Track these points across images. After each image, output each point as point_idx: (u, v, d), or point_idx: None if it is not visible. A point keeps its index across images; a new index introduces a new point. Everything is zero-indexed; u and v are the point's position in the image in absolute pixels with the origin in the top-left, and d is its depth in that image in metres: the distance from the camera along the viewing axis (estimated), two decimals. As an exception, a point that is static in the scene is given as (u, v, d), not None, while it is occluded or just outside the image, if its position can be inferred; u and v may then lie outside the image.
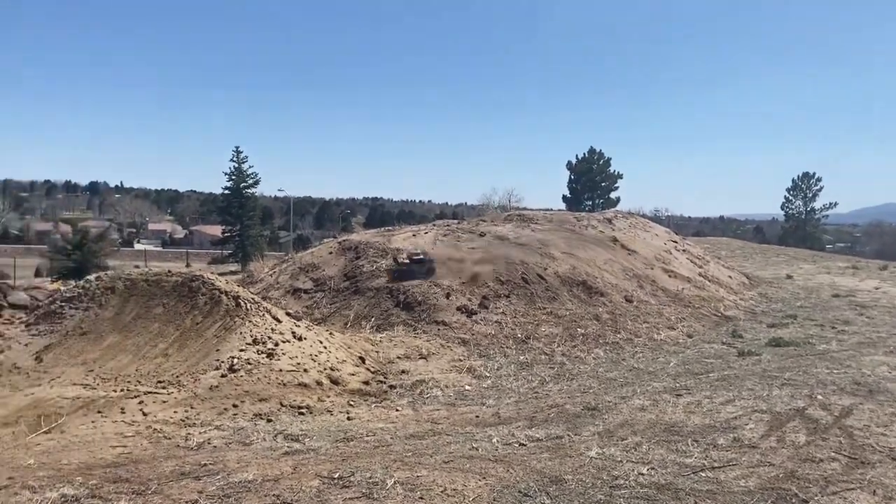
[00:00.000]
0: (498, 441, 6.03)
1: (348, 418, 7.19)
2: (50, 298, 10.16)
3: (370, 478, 4.92)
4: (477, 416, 7.15)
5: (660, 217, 61.75)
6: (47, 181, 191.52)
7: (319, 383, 8.02)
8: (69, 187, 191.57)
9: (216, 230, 79.74)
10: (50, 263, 42.51)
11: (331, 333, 9.86)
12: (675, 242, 18.78)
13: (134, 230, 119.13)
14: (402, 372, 9.14)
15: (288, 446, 6.06)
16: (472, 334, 10.86)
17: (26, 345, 8.80)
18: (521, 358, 10.02)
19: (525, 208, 32.39)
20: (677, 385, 8.22)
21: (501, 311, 11.68)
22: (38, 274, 45.48)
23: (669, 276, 15.01)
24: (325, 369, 8.37)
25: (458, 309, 11.60)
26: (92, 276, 10.16)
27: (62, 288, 14.59)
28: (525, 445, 5.91)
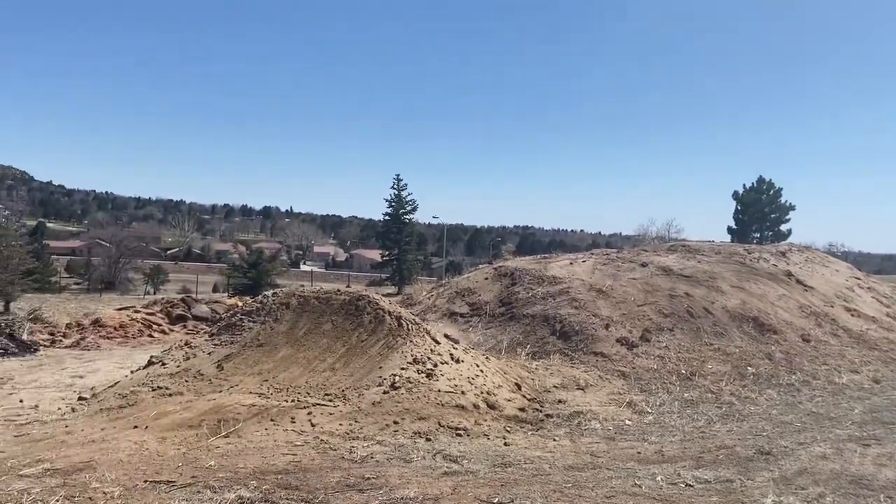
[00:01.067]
0: (662, 480, 5.74)
1: (505, 444, 7.13)
2: (231, 312, 10.93)
3: (530, 506, 4.85)
4: (638, 453, 6.86)
5: (835, 252, 56.90)
6: (226, 205, 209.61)
7: (476, 406, 8.04)
8: (245, 211, 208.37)
9: (374, 254, 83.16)
10: (227, 280, 46.14)
11: (487, 358, 9.88)
12: (858, 279, 17.23)
13: (300, 252, 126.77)
14: (559, 402, 8.97)
15: (447, 466, 6.09)
16: (633, 367, 10.48)
17: (209, 353, 9.48)
18: (686, 395, 9.53)
19: (685, 240, 30.98)
20: (864, 434, 7.49)
21: (664, 344, 11.20)
22: (215, 290, 49.46)
23: (852, 315, 13.78)
24: (481, 393, 8.38)
25: (618, 341, 11.25)
26: (269, 292, 10.85)
27: (239, 303, 15.75)
28: (692, 486, 5.59)
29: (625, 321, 11.92)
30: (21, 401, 9.08)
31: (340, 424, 7.26)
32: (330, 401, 7.79)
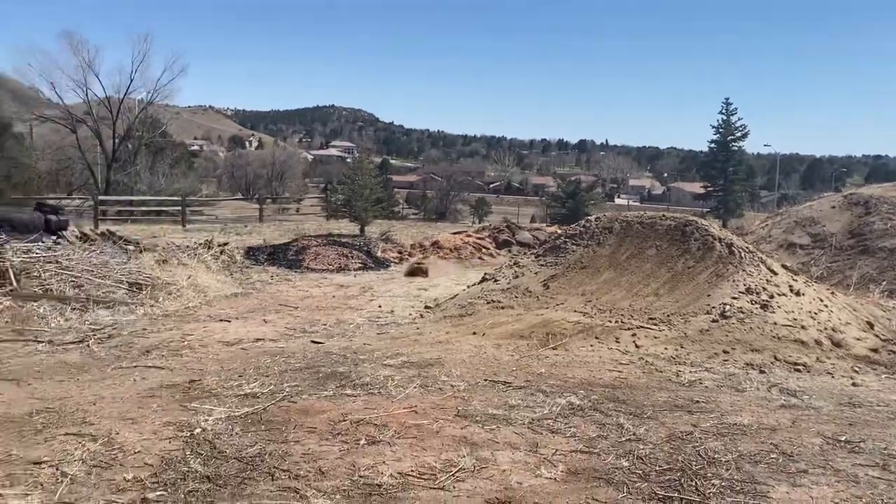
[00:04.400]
0: None
1: (853, 384, 6.45)
2: (555, 235, 11.33)
3: (885, 449, 4.38)
4: None
5: None
6: (543, 140, 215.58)
7: (818, 342, 7.37)
8: (561, 145, 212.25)
9: (694, 187, 79.15)
10: (545, 211, 47.71)
11: (832, 293, 8.94)
12: None
13: (615, 185, 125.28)
14: (923, 345, 7.83)
15: (784, 400, 5.73)
16: None
17: (536, 273, 9.99)
18: None
19: None
20: None
21: None
22: (532, 220, 51.51)
23: None
24: (825, 329, 7.64)
25: None
26: (592, 217, 11.01)
27: (559, 230, 16.24)
28: None
29: None
30: (380, 306, 10.53)
31: (666, 348, 7.20)
32: (654, 325, 7.74)
